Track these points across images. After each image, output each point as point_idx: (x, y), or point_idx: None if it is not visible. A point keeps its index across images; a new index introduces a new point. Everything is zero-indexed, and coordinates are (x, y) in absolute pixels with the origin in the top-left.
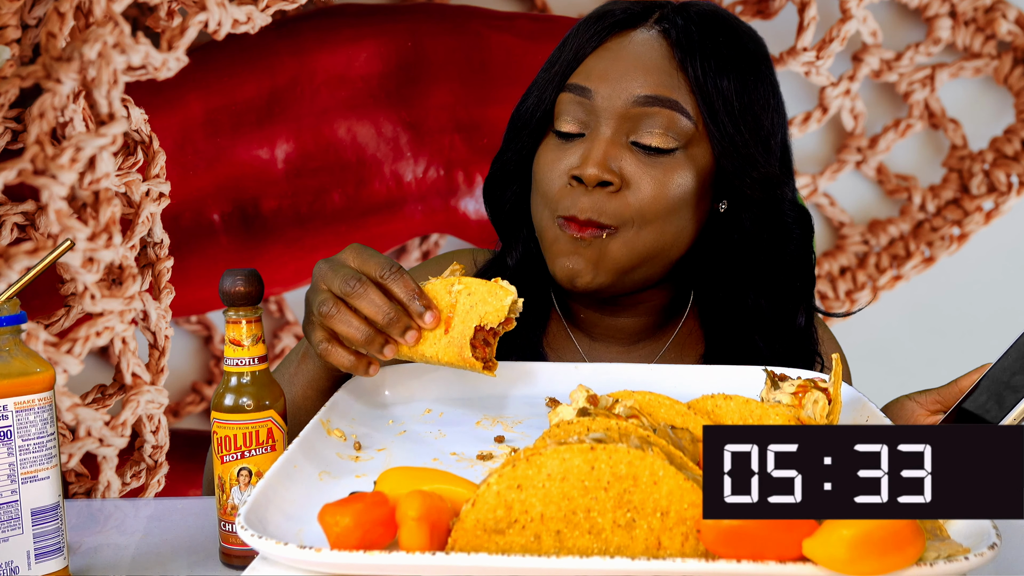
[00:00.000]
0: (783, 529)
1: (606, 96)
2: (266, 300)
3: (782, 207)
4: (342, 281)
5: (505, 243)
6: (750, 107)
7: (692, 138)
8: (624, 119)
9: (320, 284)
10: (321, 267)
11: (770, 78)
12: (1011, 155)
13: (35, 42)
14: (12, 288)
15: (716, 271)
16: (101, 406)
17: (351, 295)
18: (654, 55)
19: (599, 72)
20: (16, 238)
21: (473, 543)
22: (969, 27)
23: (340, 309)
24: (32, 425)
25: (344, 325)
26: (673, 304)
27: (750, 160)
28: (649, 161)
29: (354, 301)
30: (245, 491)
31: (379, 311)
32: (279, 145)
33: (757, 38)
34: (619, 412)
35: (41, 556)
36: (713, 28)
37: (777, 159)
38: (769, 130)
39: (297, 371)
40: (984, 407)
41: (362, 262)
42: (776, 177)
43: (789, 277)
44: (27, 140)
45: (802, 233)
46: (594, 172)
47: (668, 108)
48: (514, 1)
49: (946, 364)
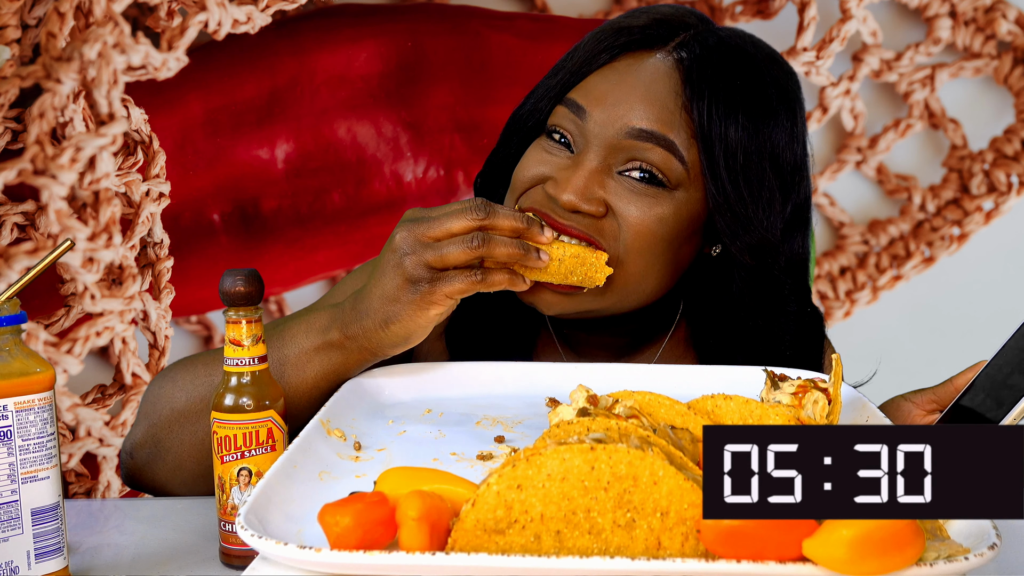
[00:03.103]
0: (783, 529)
1: (599, 122)
2: (266, 300)
3: (775, 275)
4: (465, 244)
5: None
6: (758, 161)
7: (682, 182)
8: (614, 149)
9: (429, 257)
10: (407, 252)
11: (792, 126)
12: (1011, 155)
13: (35, 42)
14: (12, 288)
15: (709, 309)
16: (101, 406)
17: (483, 251)
18: (661, 88)
19: (599, 94)
20: (16, 238)
21: (473, 543)
22: (969, 27)
23: (488, 235)
24: (32, 425)
25: (502, 247)
26: (661, 318)
27: (744, 222)
28: (635, 189)
29: (488, 252)
30: (245, 491)
31: (513, 247)
32: (279, 145)
33: (786, 79)
34: (619, 412)
35: (41, 556)
36: (733, 65)
37: (784, 218)
38: (776, 186)
39: (312, 360)
40: (982, 405)
41: (443, 229)
42: (772, 243)
43: (784, 342)
44: (27, 140)
45: (798, 308)
46: (571, 200)
47: (662, 147)
48: (514, 1)
49: (946, 364)
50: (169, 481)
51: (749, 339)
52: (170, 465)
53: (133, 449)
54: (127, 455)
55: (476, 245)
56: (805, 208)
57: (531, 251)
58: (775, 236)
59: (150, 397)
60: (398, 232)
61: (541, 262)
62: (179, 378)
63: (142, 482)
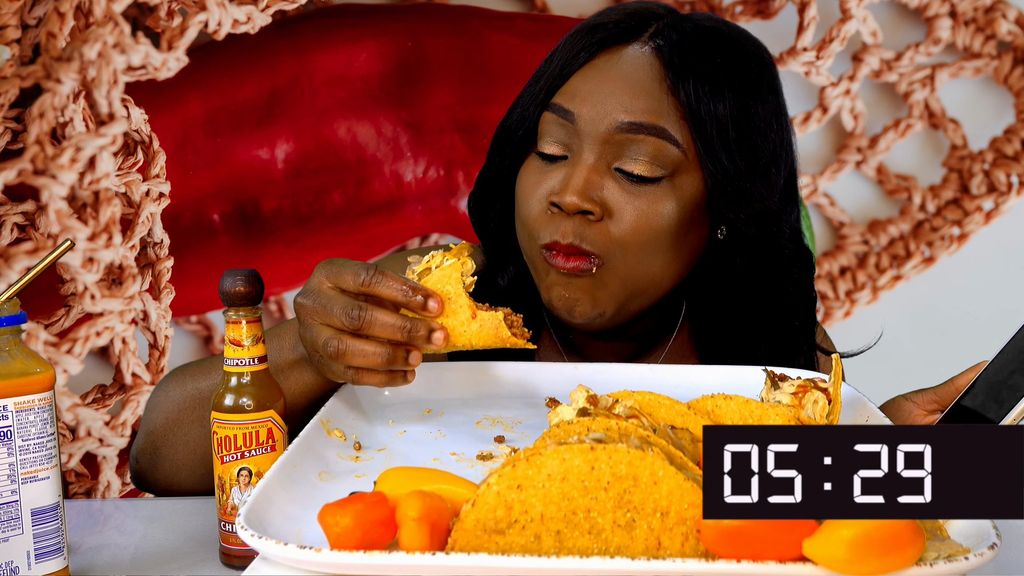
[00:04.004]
0: (783, 529)
1: (589, 120)
2: (266, 300)
3: (780, 242)
4: (343, 315)
5: (494, 262)
6: (748, 134)
7: (680, 166)
8: (607, 145)
9: (311, 321)
10: (304, 305)
11: (773, 99)
12: (1011, 155)
13: (35, 42)
14: (12, 288)
15: (712, 296)
16: (101, 406)
17: (360, 327)
18: (643, 77)
19: (584, 94)
20: (16, 238)
21: (473, 543)
22: (969, 27)
23: (347, 342)
24: (32, 425)
25: (361, 358)
26: (665, 323)
27: (745, 194)
28: (633, 190)
29: (366, 331)
30: (245, 491)
31: (394, 329)
32: (279, 145)
33: (760, 53)
34: (619, 412)
35: (41, 556)
36: (711, 45)
37: (779, 189)
38: (769, 158)
39: (289, 376)
40: (982, 405)
41: (335, 279)
42: (774, 212)
43: (788, 316)
44: (27, 140)
45: (801, 273)
46: (573, 200)
47: (654, 136)
48: (514, 1)
49: (946, 364)
50: (170, 485)
51: (754, 320)
52: (168, 470)
53: (137, 454)
54: (133, 459)
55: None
56: (793, 179)
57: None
58: (775, 205)
59: (149, 404)
60: (332, 317)
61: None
62: (171, 387)
63: (147, 485)
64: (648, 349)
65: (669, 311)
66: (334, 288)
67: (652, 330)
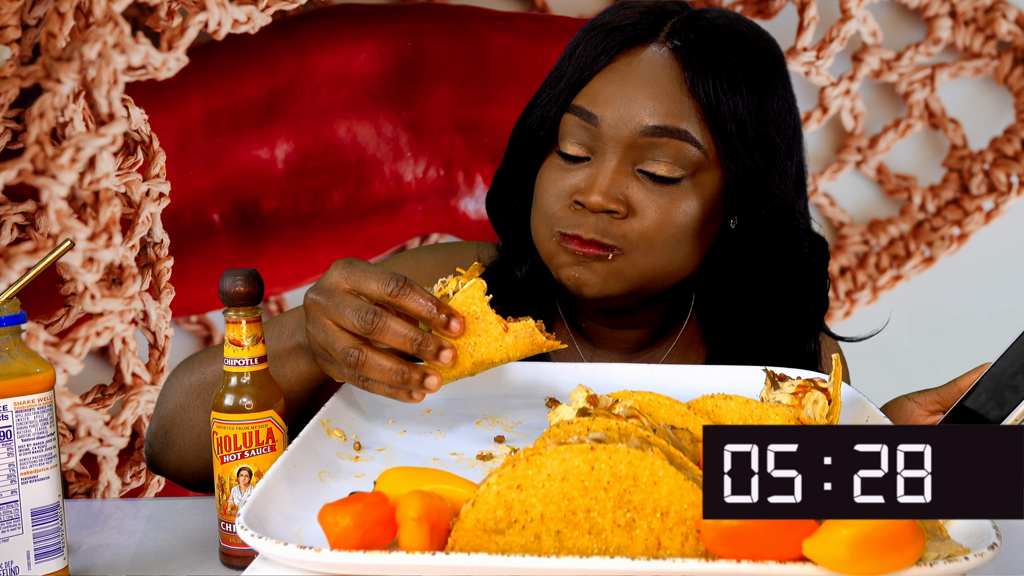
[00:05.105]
0: (783, 529)
1: (612, 124)
2: (266, 300)
3: (797, 233)
4: (355, 318)
5: (512, 255)
6: (765, 130)
7: (701, 165)
8: (631, 148)
9: (323, 319)
10: (317, 301)
11: (786, 92)
12: (1011, 155)
13: (35, 42)
14: (12, 288)
15: (724, 285)
16: (101, 406)
17: (371, 332)
18: (663, 79)
19: (605, 97)
20: (16, 238)
21: (473, 543)
22: (969, 27)
23: (368, 354)
24: (32, 425)
25: (377, 372)
26: (675, 312)
27: (764, 190)
28: (655, 189)
29: (376, 337)
30: (245, 491)
31: (405, 339)
32: (279, 145)
33: (773, 48)
34: (619, 412)
35: (41, 556)
36: (728, 44)
37: (793, 181)
38: (785, 152)
39: (286, 364)
40: (984, 407)
41: (357, 282)
42: (791, 205)
43: (803, 303)
44: (27, 140)
45: (819, 262)
46: (599, 200)
47: (676, 138)
48: (514, 1)
49: (946, 364)
50: (180, 469)
51: (768, 307)
52: (177, 453)
53: (150, 439)
54: (147, 444)
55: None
56: (803, 166)
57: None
58: (792, 197)
59: (163, 389)
60: (344, 317)
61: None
62: (182, 373)
63: (159, 468)
64: (660, 337)
65: (680, 299)
66: (351, 291)
67: (664, 318)
